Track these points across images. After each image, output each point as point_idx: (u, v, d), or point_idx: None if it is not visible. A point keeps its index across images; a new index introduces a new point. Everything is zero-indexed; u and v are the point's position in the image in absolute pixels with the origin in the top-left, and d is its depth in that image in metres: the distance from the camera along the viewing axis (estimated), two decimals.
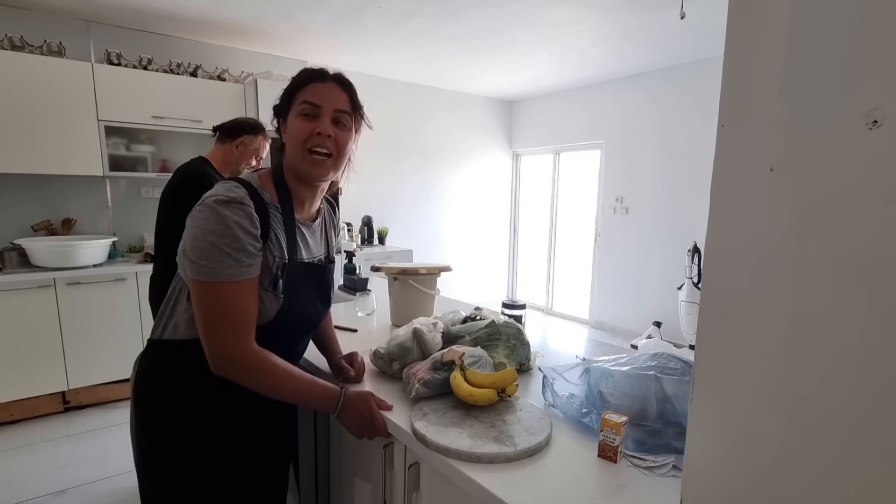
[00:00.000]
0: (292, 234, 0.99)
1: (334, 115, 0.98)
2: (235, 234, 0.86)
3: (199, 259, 0.85)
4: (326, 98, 0.97)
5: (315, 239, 1.10)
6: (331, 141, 0.97)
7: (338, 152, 0.99)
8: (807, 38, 0.45)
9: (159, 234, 1.92)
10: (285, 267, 0.96)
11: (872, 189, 0.42)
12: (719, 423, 0.54)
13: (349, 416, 0.99)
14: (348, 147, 1.02)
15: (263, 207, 0.93)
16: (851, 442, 0.44)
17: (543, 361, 1.36)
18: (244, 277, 0.88)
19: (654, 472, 0.85)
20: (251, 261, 0.89)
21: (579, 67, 4.27)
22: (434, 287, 1.74)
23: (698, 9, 2.87)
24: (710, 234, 0.53)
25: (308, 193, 1.05)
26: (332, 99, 0.98)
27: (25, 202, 3.13)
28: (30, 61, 2.80)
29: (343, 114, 0.99)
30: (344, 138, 0.99)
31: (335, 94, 0.98)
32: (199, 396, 0.96)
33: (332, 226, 1.21)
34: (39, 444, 2.58)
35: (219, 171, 1.97)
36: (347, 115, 1.00)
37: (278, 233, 0.96)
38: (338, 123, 0.99)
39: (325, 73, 1.00)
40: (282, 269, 0.96)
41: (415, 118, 4.95)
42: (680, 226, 4.18)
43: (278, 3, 2.94)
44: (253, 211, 0.90)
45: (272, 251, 0.94)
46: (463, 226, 5.54)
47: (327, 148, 0.97)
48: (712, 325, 0.54)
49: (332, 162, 0.99)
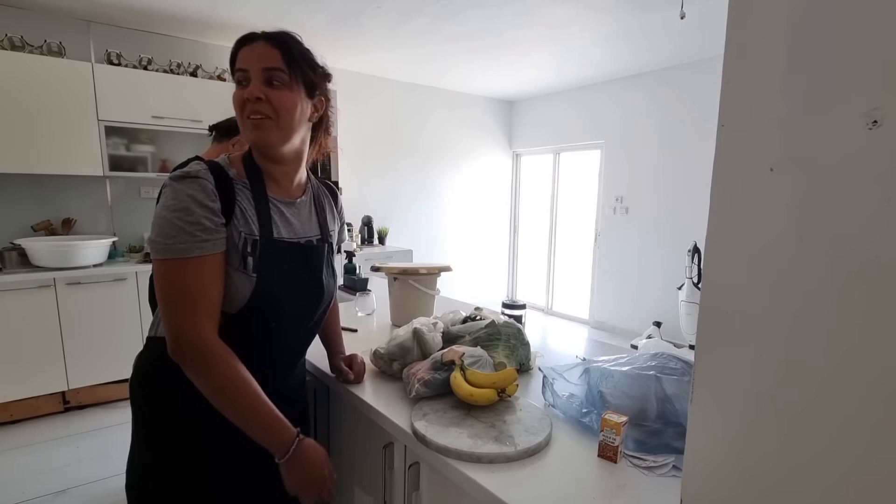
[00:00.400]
0: (264, 210, 0.93)
1: (265, 76, 0.88)
2: (188, 206, 0.83)
3: (157, 237, 0.83)
4: (253, 59, 0.89)
5: (301, 218, 1.02)
6: (264, 104, 0.88)
7: (276, 114, 0.89)
8: (807, 38, 0.45)
9: None
10: (256, 244, 0.90)
11: (872, 189, 0.42)
12: (719, 423, 0.54)
13: (295, 470, 0.89)
14: (291, 107, 0.91)
15: (227, 182, 0.89)
16: (851, 442, 0.45)
17: (543, 361, 1.37)
18: (200, 254, 0.83)
19: (654, 472, 0.85)
20: (207, 236, 0.84)
21: (579, 67, 4.27)
22: (434, 287, 1.74)
23: (698, 9, 2.87)
24: (710, 234, 0.53)
25: (278, 170, 0.98)
26: (259, 58, 0.88)
27: (25, 202, 3.13)
28: (30, 61, 2.80)
29: (275, 71, 0.89)
30: (279, 97, 0.89)
31: (262, 51, 0.89)
32: (190, 393, 0.90)
33: (332, 209, 1.14)
34: (39, 444, 2.58)
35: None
36: (281, 72, 0.89)
37: (245, 207, 0.91)
38: (271, 84, 0.89)
39: (253, 35, 0.91)
40: (253, 245, 0.90)
41: (415, 118, 4.95)
42: (680, 226, 4.18)
43: (278, 4, 2.94)
44: (209, 184, 0.86)
45: (237, 226, 0.89)
46: (463, 226, 5.54)
47: (261, 112, 0.89)
48: (712, 325, 0.54)
49: (272, 125, 0.90)
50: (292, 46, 0.91)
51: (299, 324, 1.04)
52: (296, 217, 1.01)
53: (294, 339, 1.05)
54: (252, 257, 0.90)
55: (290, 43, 0.91)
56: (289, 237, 0.98)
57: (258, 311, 0.92)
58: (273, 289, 0.93)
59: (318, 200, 1.09)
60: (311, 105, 0.97)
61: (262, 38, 0.90)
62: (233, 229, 0.88)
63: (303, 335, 1.07)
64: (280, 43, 0.90)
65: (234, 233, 0.88)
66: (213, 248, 0.85)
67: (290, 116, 0.91)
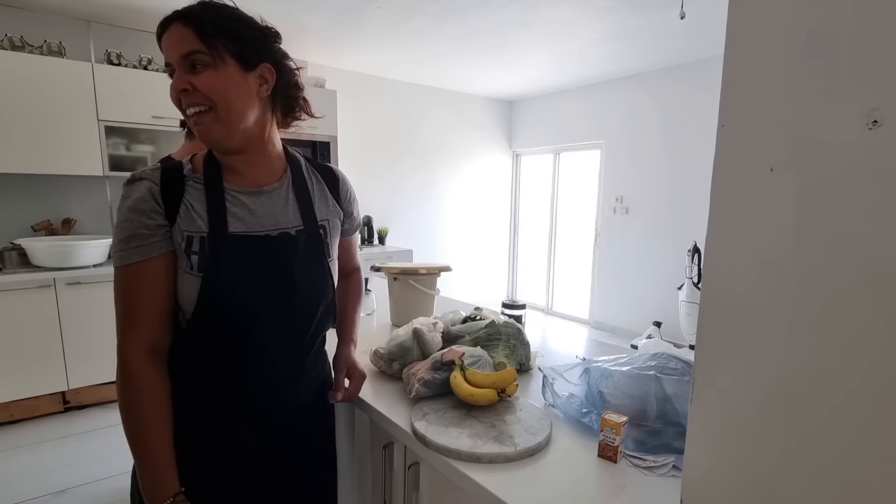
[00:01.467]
0: (217, 204, 0.84)
1: (185, 63, 0.78)
2: (126, 214, 0.80)
3: (111, 248, 0.82)
4: (170, 47, 0.78)
5: (271, 208, 0.89)
6: (195, 93, 0.78)
7: (211, 101, 0.79)
8: (807, 37, 0.45)
9: None
10: (204, 241, 0.82)
11: (872, 189, 0.42)
12: (719, 423, 0.54)
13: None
14: (223, 88, 0.79)
15: (179, 180, 0.83)
16: (851, 442, 0.44)
17: (543, 361, 1.36)
18: (134, 260, 0.79)
19: (654, 472, 0.85)
20: (142, 241, 0.79)
21: (579, 67, 4.27)
22: (434, 287, 1.74)
23: (698, 9, 2.87)
24: (710, 234, 0.53)
25: (237, 159, 0.87)
26: (175, 44, 0.77)
27: (25, 202, 3.13)
28: (30, 61, 2.80)
29: (194, 55, 0.77)
30: (204, 82, 0.78)
31: (177, 35, 0.77)
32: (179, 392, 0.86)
33: (326, 196, 0.99)
34: (39, 444, 2.58)
35: None
36: (199, 53, 0.77)
37: (192, 204, 0.83)
38: (194, 68, 0.78)
39: (167, 19, 0.79)
40: (200, 243, 0.82)
41: (415, 118, 4.95)
42: (680, 226, 4.18)
43: (279, 4, 2.94)
44: (153, 185, 0.81)
45: (180, 225, 0.81)
46: (463, 226, 5.54)
47: (196, 103, 0.79)
48: (712, 325, 0.54)
49: (212, 117, 0.80)
50: (204, 17, 0.77)
51: (286, 329, 0.90)
52: (263, 207, 0.88)
53: (284, 347, 0.91)
54: (198, 255, 0.81)
55: (202, 14, 0.78)
56: (249, 230, 0.86)
57: (213, 315, 0.82)
58: (229, 288, 0.82)
59: (301, 186, 0.94)
60: (253, 77, 0.83)
61: (174, 20, 0.78)
62: (175, 229, 0.82)
63: (295, 343, 0.93)
64: (194, 19, 0.77)
65: (177, 233, 0.82)
66: (146, 252, 0.79)
67: (225, 100, 0.79)
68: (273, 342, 0.89)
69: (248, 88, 0.83)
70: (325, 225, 0.95)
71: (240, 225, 0.85)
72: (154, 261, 0.80)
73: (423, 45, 3.73)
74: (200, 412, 0.87)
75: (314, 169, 1.00)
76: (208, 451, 0.88)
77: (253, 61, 0.83)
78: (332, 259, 0.97)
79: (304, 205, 0.93)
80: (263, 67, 0.85)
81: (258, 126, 0.86)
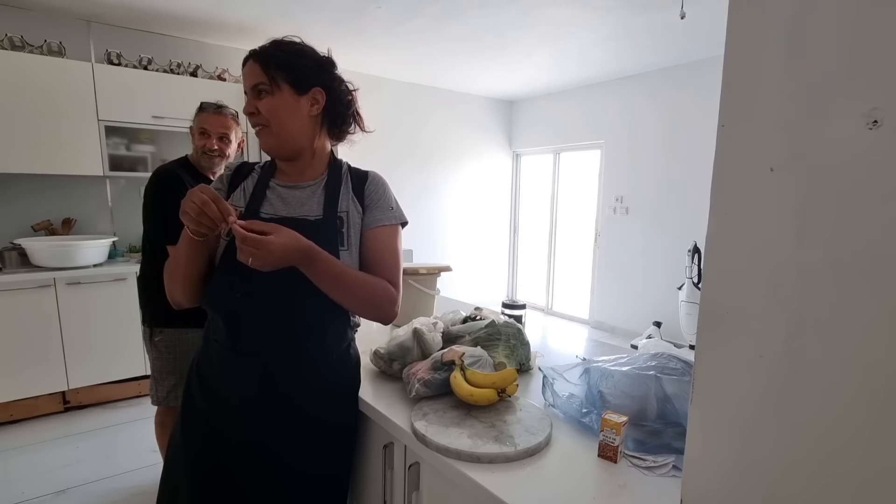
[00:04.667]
0: (260, 191, 1.06)
1: (254, 92, 1.00)
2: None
3: None
4: (246, 79, 1.01)
5: (301, 199, 1.05)
6: (258, 115, 1.00)
7: (268, 120, 1.00)
8: (807, 38, 0.45)
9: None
10: (241, 216, 0.98)
11: (872, 189, 0.42)
12: (719, 423, 0.54)
13: None
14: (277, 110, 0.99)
15: (248, 169, 1.10)
16: (851, 441, 0.44)
17: (543, 361, 1.37)
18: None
19: (654, 472, 0.85)
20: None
21: (579, 67, 4.27)
22: (434, 287, 1.74)
23: (698, 9, 2.87)
24: (710, 234, 0.53)
25: (285, 164, 1.08)
26: (248, 77, 1.00)
27: (25, 202, 3.13)
28: (30, 61, 2.80)
29: (260, 85, 0.99)
30: (265, 105, 0.99)
31: (250, 70, 1.00)
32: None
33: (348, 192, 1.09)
34: (39, 444, 2.57)
35: (198, 168, 1.90)
36: (263, 84, 0.99)
37: (247, 187, 1.07)
38: (259, 95, 0.99)
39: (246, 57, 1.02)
40: (238, 216, 0.94)
41: (415, 118, 4.95)
42: (680, 226, 4.18)
43: (279, 4, 2.94)
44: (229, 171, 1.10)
45: (232, 202, 1.03)
46: (463, 226, 5.54)
47: (258, 122, 1.01)
48: (712, 325, 0.54)
49: (268, 132, 1.01)
50: (269, 54, 0.99)
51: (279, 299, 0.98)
52: (295, 198, 1.06)
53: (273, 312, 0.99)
54: None
55: (268, 52, 0.99)
56: (276, 213, 1.03)
57: (223, 273, 1.00)
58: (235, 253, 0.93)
59: (333, 185, 1.08)
60: (306, 99, 1.01)
61: (250, 58, 1.00)
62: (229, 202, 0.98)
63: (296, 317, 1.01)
64: (261, 56, 0.99)
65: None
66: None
67: (278, 120, 1.00)
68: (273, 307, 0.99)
69: (300, 108, 1.01)
70: (342, 216, 1.06)
71: (270, 209, 1.04)
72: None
73: (423, 46, 3.72)
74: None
75: (350, 173, 1.14)
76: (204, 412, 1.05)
77: (305, 86, 1.01)
78: (346, 248, 1.05)
79: (329, 200, 1.06)
80: (315, 91, 1.02)
81: (307, 137, 1.05)
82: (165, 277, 1.03)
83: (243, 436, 1.02)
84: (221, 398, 1.03)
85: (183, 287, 1.01)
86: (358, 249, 1.06)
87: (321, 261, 0.95)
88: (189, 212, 0.87)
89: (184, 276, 1.00)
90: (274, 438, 1.02)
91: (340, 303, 1.01)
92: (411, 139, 4.95)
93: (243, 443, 1.02)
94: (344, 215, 1.06)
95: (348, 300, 1.01)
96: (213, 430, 1.03)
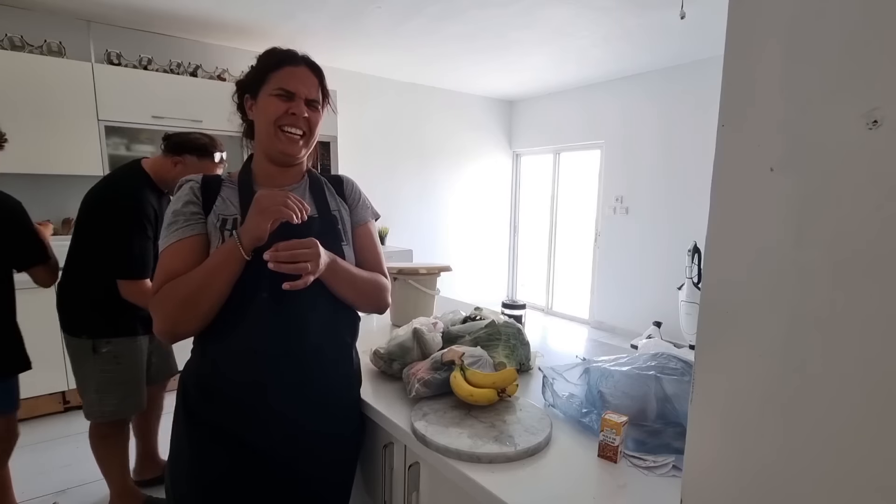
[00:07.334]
0: (247, 197, 1.00)
1: (307, 101, 1.03)
2: (170, 209, 1.00)
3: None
4: (300, 85, 1.02)
5: None
6: (304, 121, 1.03)
7: (310, 131, 1.05)
8: (807, 37, 0.45)
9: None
10: (237, 221, 0.99)
11: (872, 189, 0.42)
12: (719, 423, 0.54)
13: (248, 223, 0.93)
14: (318, 127, 1.08)
15: (216, 182, 1.05)
16: (851, 441, 0.44)
17: (543, 361, 1.36)
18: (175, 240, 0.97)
19: (654, 472, 0.85)
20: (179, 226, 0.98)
21: (579, 67, 4.27)
22: (434, 287, 1.75)
23: (698, 9, 2.87)
24: (710, 234, 0.53)
25: (275, 169, 1.08)
26: (306, 86, 1.03)
27: (25, 202, 3.12)
28: (30, 61, 2.80)
29: (315, 101, 1.05)
30: (315, 119, 1.05)
31: (308, 79, 1.04)
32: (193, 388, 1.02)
33: (333, 194, 1.14)
34: (39, 444, 2.57)
35: (154, 183, 1.78)
36: (317, 102, 1.06)
37: (227, 197, 1.03)
38: (310, 105, 1.04)
39: (296, 57, 1.04)
40: (233, 223, 1.00)
41: (415, 118, 4.95)
42: (680, 226, 4.18)
43: (279, 4, 2.94)
44: (195, 184, 1.03)
45: (216, 211, 1.01)
46: (463, 226, 5.54)
47: (300, 127, 1.03)
48: (712, 325, 0.54)
49: (304, 141, 1.05)
50: (323, 76, 1.08)
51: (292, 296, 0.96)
52: None
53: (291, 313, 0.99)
54: (230, 231, 0.99)
55: (322, 73, 1.08)
56: None
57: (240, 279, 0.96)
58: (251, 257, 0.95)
59: (317, 187, 1.13)
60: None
61: (307, 64, 1.05)
62: (212, 214, 1.00)
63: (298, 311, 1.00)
64: (319, 74, 1.07)
65: (213, 216, 1.00)
66: (181, 234, 0.97)
67: (314, 135, 1.07)
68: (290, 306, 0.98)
69: (319, 129, 1.09)
70: (336, 214, 1.11)
71: None
72: (182, 242, 0.97)
73: (424, 46, 3.73)
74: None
75: (325, 177, 1.19)
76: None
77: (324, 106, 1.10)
78: (347, 244, 1.10)
79: (319, 199, 1.10)
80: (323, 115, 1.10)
81: None
82: (174, 307, 0.92)
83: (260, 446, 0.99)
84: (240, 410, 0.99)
85: (206, 315, 0.94)
86: (352, 246, 1.12)
87: (340, 263, 1.02)
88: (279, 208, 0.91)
89: (216, 302, 0.93)
90: (288, 449, 1.01)
91: (352, 301, 1.08)
92: (411, 139, 4.95)
93: (258, 453, 0.99)
94: (337, 213, 1.11)
95: (360, 298, 1.08)
96: (228, 440, 0.99)
